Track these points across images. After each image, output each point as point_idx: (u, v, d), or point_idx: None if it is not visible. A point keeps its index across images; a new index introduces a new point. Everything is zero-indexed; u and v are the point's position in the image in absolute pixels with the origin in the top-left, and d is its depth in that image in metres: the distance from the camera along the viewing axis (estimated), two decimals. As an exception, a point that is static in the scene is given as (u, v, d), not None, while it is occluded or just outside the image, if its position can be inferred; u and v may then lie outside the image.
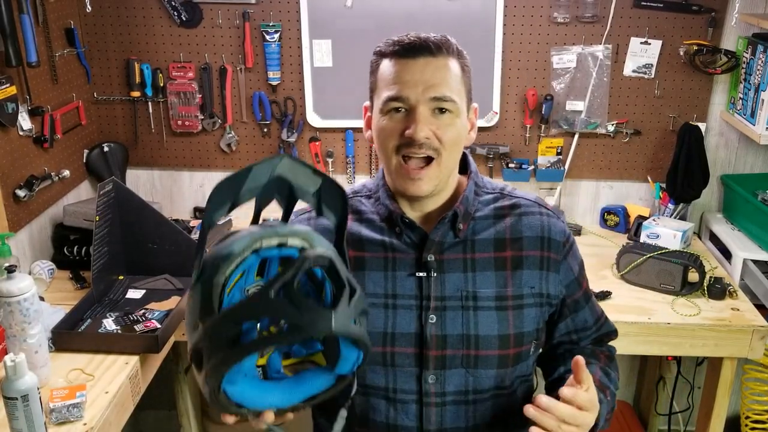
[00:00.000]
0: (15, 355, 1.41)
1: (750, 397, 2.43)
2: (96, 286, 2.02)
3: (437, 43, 1.15)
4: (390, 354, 1.17)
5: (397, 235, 1.21)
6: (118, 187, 2.05)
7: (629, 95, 2.48)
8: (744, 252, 2.26)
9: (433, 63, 1.14)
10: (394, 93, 1.14)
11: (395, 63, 1.16)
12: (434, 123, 1.15)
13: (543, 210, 1.25)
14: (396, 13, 2.40)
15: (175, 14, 2.44)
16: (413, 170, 1.15)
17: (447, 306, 1.18)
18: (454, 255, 1.20)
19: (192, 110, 2.53)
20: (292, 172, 1.01)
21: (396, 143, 1.16)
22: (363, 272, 1.20)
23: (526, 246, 1.21)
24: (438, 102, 1.14)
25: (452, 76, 1.16)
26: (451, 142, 1.16)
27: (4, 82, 2.00)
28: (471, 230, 1.21)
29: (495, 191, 1.27)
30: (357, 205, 1.26)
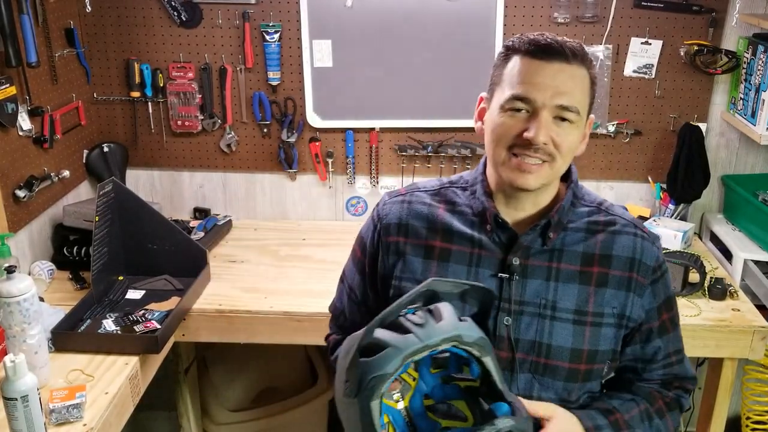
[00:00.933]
0: (15, 356, 1.41)
1: (751, 398, 2.43)
2: (96, 286, 2.02)
3: (573, 49, 1.13)
4: None
5: (487, 233, 1.20)
6: (117, 187, 2.05)
7: (630, 95, 2.47)
8: (745, 252, 2.25)
9: (566, 70, 1.12)
10: (521, 92, 1.12)
11: (527, 62, 1.13)
12: (554, 129, 1.12)
13: (639, 232, 1.23)
14: (396, 13, 2.40)
15: (175, 14, 2.44)
16: (526, 165, 1.13)
17: (524, 311, 1.17)
18: (539, 262, 1.18)
19: (192, 110, 2.53)
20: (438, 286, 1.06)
21: (511, 142, 1.14)
22: (447, 263, 1.20)
23: (614, 265, 1.19)
24: (562, 110, 1.12)
25: (581, 87, 1.14)
26: (567, 149, 1.14)
27: (3, 83, 2.00)
28: (561, 240, 1.20)
29: (593, 204, 1.25)
30: (451, 195, 1.26)
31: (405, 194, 1.29)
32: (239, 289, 2.18)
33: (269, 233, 2.60)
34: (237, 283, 2.22)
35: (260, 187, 2.67)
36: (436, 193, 1.27)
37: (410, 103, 2.48)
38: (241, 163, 2.63)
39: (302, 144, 2.59)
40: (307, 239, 2.54)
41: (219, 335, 2.10)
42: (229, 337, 2.10)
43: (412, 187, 1.30)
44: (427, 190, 1.28)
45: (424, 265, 1.21)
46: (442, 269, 1.20)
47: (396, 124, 2.53)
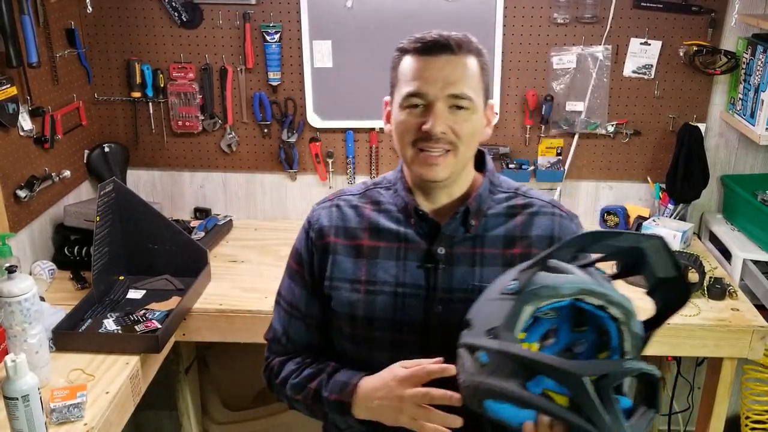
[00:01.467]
0: (16, 356, 1.42)
1: (750, 398, 2.43)
2: (96, 286, 2.02)
3: (458, 41, 1.18)
4: (398, 340, 1.22)
5: (411, 226, 1.25)
6: (118, 187, 2.05)
7: (629, 96, 2.48)
8: (744, 252, 2.26)
9: (453, 61, 1.18)
10: (414, 89, 1.18)
11: (416, 60, 1.20)
12: (451, 119, 1.18)
13: (556, 211, 1.28)
14: (396, 14, 2.40)
15: (175, 15, 2.45)
16: (430, 157, 1.19)
17: (453, 298, 1.21)
18: (463, 249, 1.23)
19: (192, 111, 2.54)
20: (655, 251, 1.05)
21: (413, 137, 1.19)
22: (376, 260, 1.25)
23: (534, 244, 1.24)
24: (455, 99, 1.17)
25: (471, 75, 1.19)
26: (467, 136, 1.19)
27: (4, 83, 2.00)
28: (482, 226, 1.24)
29: (510, 191, 1.30)
30: (376, 195, 1.31)
31: (333, 199, 1.34)
32: (240, 288, 2.19)
33: (269, 233, 2.60)
34: (237, 282, 2.23)
35: (260, 187, 2.68)
36: (362, 195, 1.32)
37: (410, 104, 2.49)
38: (242, 163, 2.63)
39: (302, 144, 2.59)
40: (308, 239, 2.54)
41: (219, 335, 2.10)
42: (230, 337, 2.10)
43: (339, 193, 1.36)
44: (353, 193, 1.34)
45: (354, 265, 1.26)
46: (372, 267, 1.25)
47: (396, 125, 2.53)
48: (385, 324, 1.22)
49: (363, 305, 1.23)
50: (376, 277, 1.24)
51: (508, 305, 1.01)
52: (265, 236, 2.57)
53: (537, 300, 1.00)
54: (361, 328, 1.24)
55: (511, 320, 1.00)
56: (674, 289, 1.07)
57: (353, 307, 1.24)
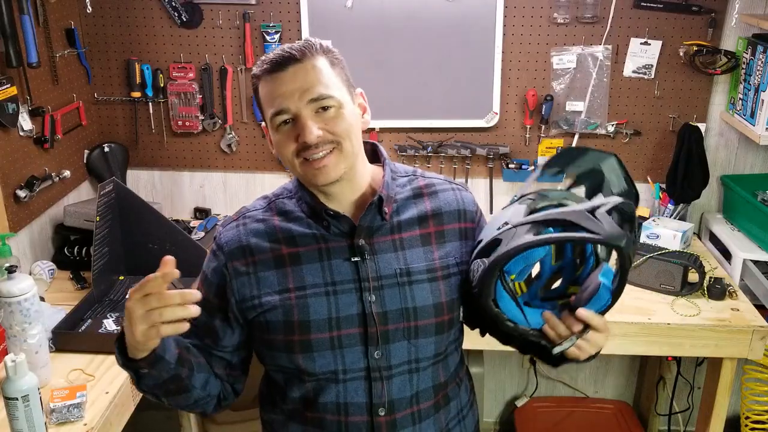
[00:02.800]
0: (15, 356, 1.42)
1: (750, 398, 2.43)
2: (96, 286, 2.02)
3: (300, 49, 1.20)
4: (337, 338, 1.22)
5: (326, 228, 1.26)
6: (118, 187, 2.05)
7: (629, 96, 2.48)
8: (744, 252, 2.26)
9: (301, 69, 1.19)
10: (276, 108, 1.20)
11: (269, 80, 1.21)
12: (321, 121, 1.19)
13: (454, 186, 1.35)
14: (396, 14, 2.40)
15: (175, 15, 2.45)
16: (316, 161, 1.20)
17: (384, 285, 1.24)
18: (383, 237, 1.26)
19: (192, 111, 2.54)
20: (610, 170, 1.22)
21: (293, 148, 1.20)
22: (300, 266, 1.24)
23: (446, 220, 1.30)
24: (317, 102, 1.19)
25: (323, 74, 1.21)
26: (344, 131, 1.21)
27: (4, 83, 2.00)
28: (395, 212, 1.28)
29: (408, 174, 1.35)
30: (282, 206, 1.30)
31: (237, 219, 1.32)
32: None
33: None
34: (237, 283, 2.22)
35: (260, 187, 2.67)
36: (267, 208, 1.31)
37: (410, 103, 2.49)
38: (242, 163, 2.63)
39: (302, 144, 2.59)
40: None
41: (219, 335, 2.10)
42: (230, 337, 2.10)
43: (242, 211, 1.35)
44: (257, 208, 1.33)
45: (279, 276, 1.25)
46: (297, 272, 1.24)
47: (396, 124, 2.53)
48: (322, 325, 1.22)
49: (297, 310, 1.22)
50: (304, 281, 1.23)
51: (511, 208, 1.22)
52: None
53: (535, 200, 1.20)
54: (298, 333, 1.23)
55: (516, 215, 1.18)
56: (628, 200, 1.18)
57: (288, 315, 1.23)
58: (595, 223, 1.10)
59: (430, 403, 1.29)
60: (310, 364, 1.23)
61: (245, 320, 1.27)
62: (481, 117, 2.51)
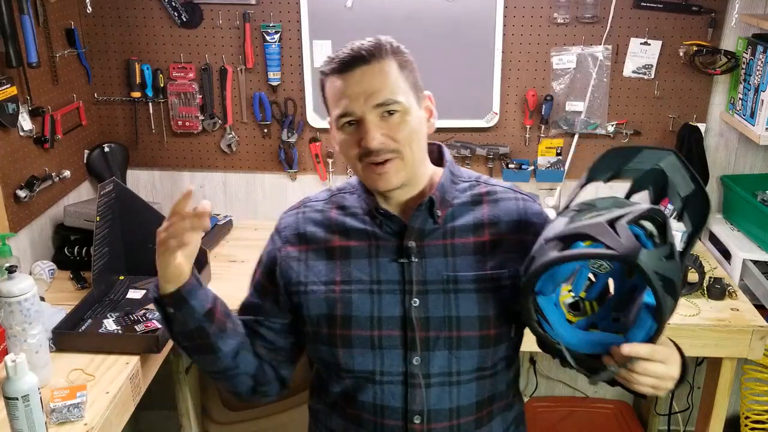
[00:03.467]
0: (16, 356, 1.42)
1: (750, 398, 2.43)
2: (96, 286, 2.02)
3: (369, 49, 1.19)
4: (377, 337, 1.22)
5: (378, 226, 1.26)
6: (118, 187, 2.05)
7: (629, 96, 2.48)
8: (743, 252, 2.26)
9: (368, 71, 1.18)
10: (341, 110, 1.19)
11: (335, 80, 1.20)
12: (385, 126, 1.18)
13: (519, 195, 1.30)
14: (396, 14, 2.40)
15: (175, 15, 2.45)
16: (377, 167, 1.19)
17: (429, 290, 1.22)
18: (434, 241, 1.24)
19: (192, 111, 2.54)
20: (673, 170, 1.11)
21: (356, 153, 1.20)
22: (349, 260, 1.25)
23: (503, 230, 1.26)
24: (382, 107, 1.18)
25: (391, 78, 1.19)
26: (407, 138, 1.19)
27: (4, 83, 2.00)
28: (450, 216, 1.26)
29: (471, 179, 1.32)
30: (341, 201, 1.32)
31: (299, 207, 1.36)
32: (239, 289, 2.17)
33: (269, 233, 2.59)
34: (237, 283, 2.20)
35: (260, 188, 2.68)
36: (327, 200, 1.33)
37: (410, 104, 2.49)
38: (242, 164, 2.63)
39: (302, 144, 2.59)
40: (307, 239, 2.54)
41: (219, 335, 2.10)
42: (230, 337, 2.10)
43: (305, 200, 1.37)
44: (319, 199, 1.35)
45: (327, 267, 1.26)
46: (345, 267, 1.25)
47: (396, 125, 2.53)
48: (363, 322, 1.22)
49: (340, 304, 1.23)
50: (350, 276, 1.24)
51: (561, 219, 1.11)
52: (265, 236, 2.53)
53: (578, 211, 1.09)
54: (340, 327, 1.23)
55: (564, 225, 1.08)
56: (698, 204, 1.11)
57: (331, 308, 1.24)
58: (613, 236, 1.01)
59: (471, 418, 1.25)
60: (349, 360, 1.23)
61: (293, 306, 1.29)
62: (481, 117, 2.51)
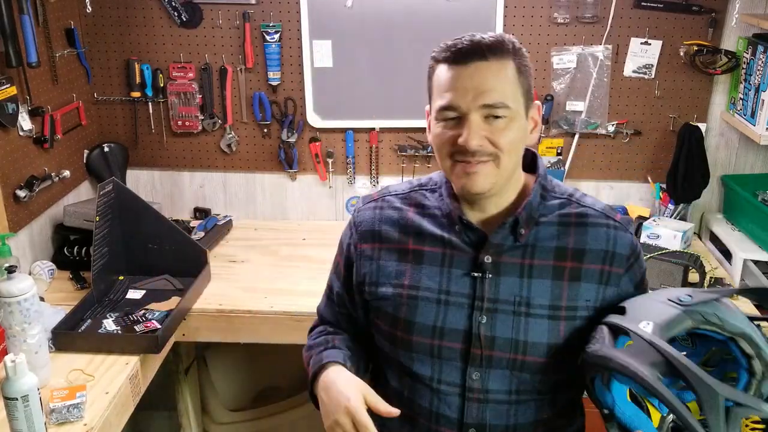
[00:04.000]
0: (15, 356, 1.41)
1: (750, 398, 2.42)
2: (96, 286, 2.02)
3: (490, 45, 1.13)
4: (438, 347, 1.19)
5: (457, 233, 1.21)
6: (118, 187, 2.05)
7: (629, 95, 2.47)
8: (744, 252, 2.25)
9: (484, 68, 1.12)
10: (446, 102, 1.14)
11: (447, 69, 1.14)
12: (487, 129, 1.13)
13: (611, 222, 1.22)
14: (396, 13, 2.40)
15: (175, 15, 2.45)
16: (468, 165, 1.14)
17: (499, 309, 1.18)
18: (512, 259, 1.19)
19: (192, 110, 2.54)
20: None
21: (450, 150, 1.15)
22: (420, 265, 1.22)
23: (588, 259, 1.19)
24: (490, 109, 1.12)
25: (505, 80, 1.13)
26: (508, 145, 1.14)
27: (4, 83, 2.00)
28: (533, 236, 1.19)
29: (563, 196, 1.24)
30: (420, 198, 1.28)
31: (377, 199, 1.32)
32: (239, 288, 2.18)
33: (269, 233, 2.60)
34: (237, 282, 2.22)
35: (260, 187, 2.67)
36: (406, 196, 1.29)
37: (410, 103, 2.48)
38: (242, 163, 2.63)
39: (302, 144, 2.59)
40: (308, 239, 2.54)
41: (219, 335, 2.10)
42: (230, 337, 2.10)
43: (384, 192, 1.33)
44: (398, 194, 1.31)
45: (398, 268, 1.24)
46: (416, 271, 1.22)
47: (396, 124, 2.53)
48: (425, 330, 1.19)
49: (405, 308, 1.21)
50: (420, 282, 1.21)
51: (672, 310, 1.05)
52: (264, 236, 2.57)
53: (702, 321, 1.03)
54: (401, 330, 1.22)
55: (670, 323, 1.03)
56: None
57: (396, 309, 1.22)
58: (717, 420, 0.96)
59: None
60: (409, 363, 1.22)
61: (363, 299, 1.29)
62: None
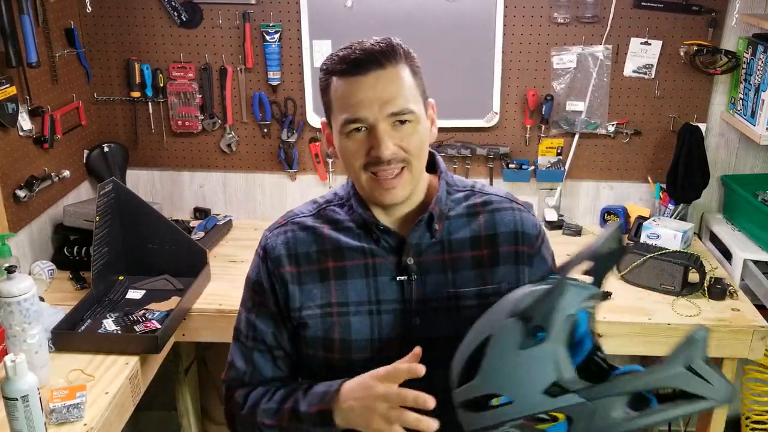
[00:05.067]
0: (15, 356, 1.41)
1: (750, 398, 2.43)
2: (96, 286, 2.02)
3: (383, 52, 1.12)
4: (378, 359, 1.15)
5: (375, 241, 1.20)
6: (118, 187, 2.05)
7: (629, 95, 2.47)
8: (744, 252, 2.26)
9: (383, 76, 1.11)
10: (351, 115, 1.11)
11: (345, 82, 1.12)
12: (397, 136, 1.12)
13: (515, 205, 1.26)
14: (396, 13, 2.40)
15: (175, 14, 2.45)
16: (386, 181, 1.13)
17: (430, 308, 1.18)
18: (432, 257, 1.19)
19: (192, 110, 2.53)
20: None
21: (363, 162, 1.14)
22: (345, 281, 1.19)
23: (501, 242, 1.21)
24: (397, 116, 1.11)
25: (405, 85, 1.13)
26: (417, 149, 1.14)
27: (4, 83, 2.00)
28: (446, 230, 1.21)
29: (466, 189, 1.27)
30: (331, 214, 1.25)
31: (285, 224, 1.27)
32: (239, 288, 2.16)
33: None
34: (237, 282, 2.19)
35: (260, 187, 2.67)
36: (317, 215, 1.26)
37: (410, 103, 2.49)
38: (241, 163, 2.63)
39: (302, 144, 2.59)
40: (307, 239, 2.53)
41: (219, 335, 2.09)
42: (230, 337, 2.08)
43: (290, 216, 1.29)
44: (306, 215, 1.27)
45: (322, 289, 1.20)
46: (341, 287, 1.19)
47: (396, 124, 2.53)
48: (364, 345, 1.17)
49: (338, 328, 1.18)
50: (347, 298, 1.18)
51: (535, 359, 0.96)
52: (264, 236, 2.57)
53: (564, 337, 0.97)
54: (338, 351, 1.19)
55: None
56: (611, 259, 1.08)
57: (328, 332, 1.19)
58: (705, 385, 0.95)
59: None
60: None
61: (291, 328, 1.24)
62: (481, 117, 2.51)
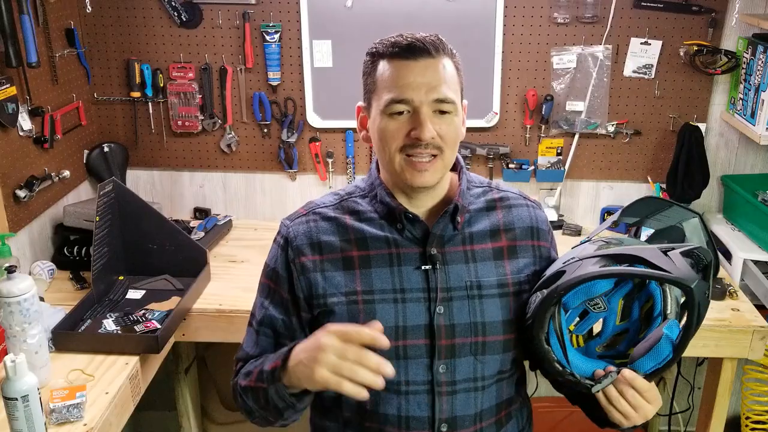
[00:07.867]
0: (15, 356, 1.41)
1: (750, 398, 2.43)
2: (96, 286, 2.02)
3: (434, 43, 1.18)
4: (402, 347, 1.20)
5: (399, 231, 1.24)
6: (118, 187, 2.05)
7: (629, 95, 2.48)
8: (744, 252, 2.26)
9: (432, 64, 1.17)
10: (397, 95, 1.16)
11: (395, 65, 1.17)
12: (437, 123, 1.17)
13: (528, 202, 1.33)
14: (396, 13, 2.40)
15: (175, 15, 2.45)
16: (419, 164, 1.18)
17: (453, 296, 1.21)
18: (454, 248, 1.24)
19: (192, 111, 2.54)
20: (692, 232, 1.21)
21: (400, 143, 1.18)
22: (369, 270, 1.22)
23: (519, 236, 1.28)
24: (440, 104, 1.17)
25: (450, 77, 1.19)
26: (452, 140, 1.20)
27: (4, 83, 2.00)
28: (467, 222, 1.26)
29: (483, 185, 1.33)
30: (353, 206, 1.29)
31: (306, 213, 1.30)
32: (239, 288, 2.18)
33: (269, 233, 2.54)
34: (237, 282, 2.22)
35: (260, 187, 2.67)
36: (338, 206, 1.29)
37: (410, 103, 2.49)
38: (241, 163, 2.63)
39: (302, 144, 2.59)
40: (307, 239, 2.53)
41: (219, 335, 2.10)
42: (230, 337, 2.10)
43: (311, 206, 1.32)
44: (327, 205, 1.30)
45: (347, 277, 1.22)
46: (366, 276, 1.22)
47: (396, 124, 2.53)
48: (388, 332, 1.17)
49: (363, 315, 1.20)
50: (372, 286, 1.21)
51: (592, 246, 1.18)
52: (264, 236, 2.57)
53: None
54: None
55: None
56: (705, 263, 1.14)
57: (353, 319, 1.20)
58: (668, 261, 1.06)
59: (492, 420, 1.26)
60: None
61: (313, 318, 1.25)
62: (481, 117, 2.51)
